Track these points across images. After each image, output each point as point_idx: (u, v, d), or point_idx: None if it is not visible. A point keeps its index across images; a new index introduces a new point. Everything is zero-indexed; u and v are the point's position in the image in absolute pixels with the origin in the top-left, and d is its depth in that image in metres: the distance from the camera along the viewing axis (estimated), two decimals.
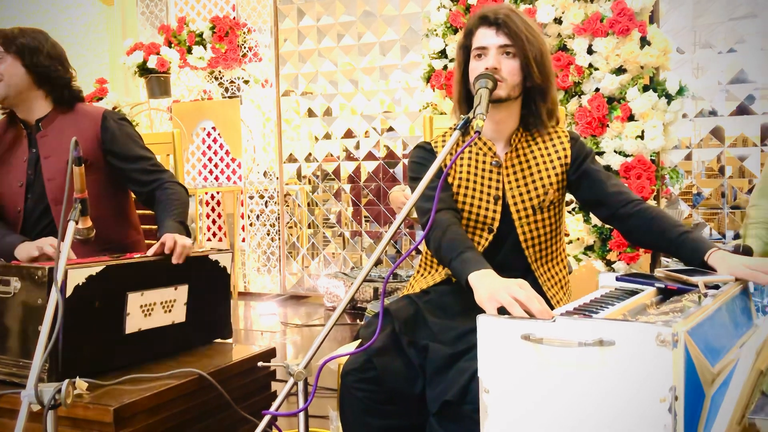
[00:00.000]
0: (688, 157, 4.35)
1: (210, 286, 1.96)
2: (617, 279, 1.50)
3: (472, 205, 1.75)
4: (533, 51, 1.67)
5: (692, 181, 4.34)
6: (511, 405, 1.08)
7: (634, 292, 1.39)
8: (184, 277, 1.86)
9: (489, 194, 1.75)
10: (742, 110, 4.10)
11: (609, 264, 3.53)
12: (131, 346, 1.74)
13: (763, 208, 2.02)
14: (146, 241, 2.32)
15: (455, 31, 3.87)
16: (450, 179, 1.78)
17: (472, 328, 1.48)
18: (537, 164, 1.76)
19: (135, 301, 1.73)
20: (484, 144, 1.78)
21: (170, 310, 1.84)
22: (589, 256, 3.61)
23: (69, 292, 1.57)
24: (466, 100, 1.78)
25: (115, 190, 2.19)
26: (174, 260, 1.81)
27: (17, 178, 2.11)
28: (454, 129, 1.49)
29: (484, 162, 1.77)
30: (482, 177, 1.76)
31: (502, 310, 1.27)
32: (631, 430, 0.99)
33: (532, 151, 1.78)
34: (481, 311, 1.15)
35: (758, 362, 1.06)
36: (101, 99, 5.03)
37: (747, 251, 1.62)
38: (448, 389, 1.46)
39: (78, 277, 1.60)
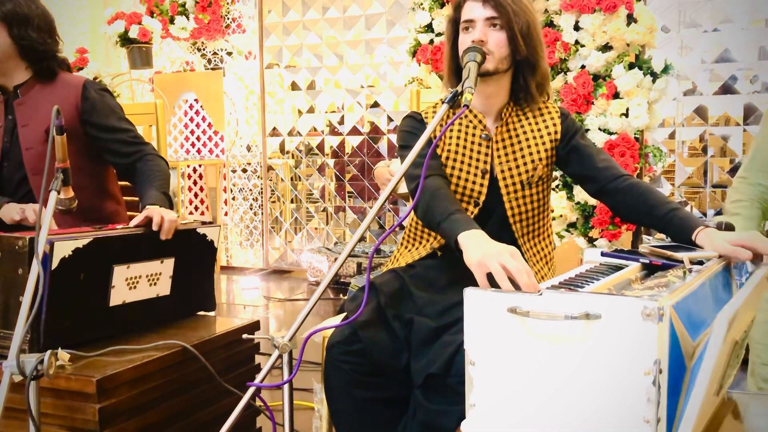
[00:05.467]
0: (672, 136, 4.37)
1: (197, 260, 1.94)
2: (602, 254, 1.50)
3: (459, 177, 1.75)
4: (519, 23, 1.66)
5: (675, 159, 4.37)
6: (496, 377, 1.09)
7: (619, 268, 1.39)
8: (172, 250, 1.84)
9: (477, 167, 1.75)
10: (725, 89, 4.13)
11: (591, 241, 3.55)
12: (115, 318, 1.72)
13: (752, 181, 1.97)
14: (128, 213, 2.29)
15: (442, 5, 3.84)
16: (439, 151, 1.77)
17: (456, 302, 1.49)
18: (527, 139, 1.76)
19: (120, 273, 1.71)
20: (475, 117, 1.77)
21: (155, 283, 1.82)
22: (572, 233, 3.63)
23: (55, 264, 1.55)
24: (456, 74, 1.77)
25: (93, 161, 2.15)
26: (162, 236, 1.77)
27: None
28: (443, 102, 1.48)
29: (473, 135, 1.76)
30: (471, 150, 1.76)
31: (490, 276, 1.27)
32: (616, 402, 1.00)
33: (522, 126, 1.77)
34: (466, 285, 1.15)
35: (732, 333, 1.07)
36: (82, 69, 4.94)
37: (729, 228, 1.62)
38: (433, 362, 1.47)
39: (64, 249, 1.57)
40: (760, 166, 1.97)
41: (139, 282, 1.76)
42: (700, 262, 1.38)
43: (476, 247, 1.37)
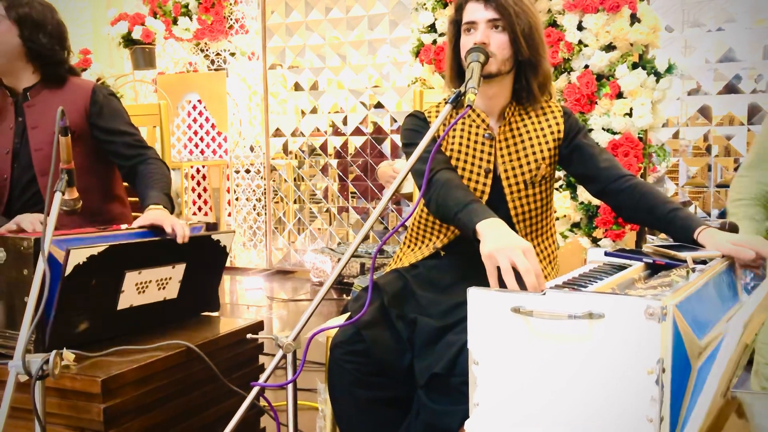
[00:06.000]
0: (675, 136, 4.37)
1: (208, 265, 1.94)
2: (606, 254, 1.50)
3: (462, 177, 1.75)
4: (521, 25, 1.66)
5: (679, 159, 4.37)
6: (500, 376, 1.09)
7: (622, 267, 1.39)
8: (185, 256, 1.83)
9: (480, 167, 1.75)
10: (729, 89, 4.12)
11: (595, 241, 3.55)
12: (121, 321, 1.73)
13: (752, 180, 1.96)
14: (133, 214, 2.30)
15: (445, 5, 3.84)
16: (442, 150, 1.77)
17: (460, 302, 1.49)
18: (530, 138, 1.76)
19: (131, 279, 1.71)
20: (478, 116, 1.77)
21: (164, 287, 1.82)
22: (576, 233, 3.63)
23: (69, 270, 1.54)
24: (458, 75, 1.77)
25: (100, 163, 2.17)
26: (179, 240, 1.76)
27: (4, 146, 2.09)
28: (446, 102, 1.48)
29: (477, 134, 1.76)
30: (474, 149, 1.76)
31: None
32: (619, 401, 1.00)
33: (525, 125, 1.77)
34: (470, 285, 1.15)
35: (745, 336, 1.07)
36: (85, 70, 4.96)
37: (733, 228, 1.62)
38: (437, 362, 1.47)
39: (79, 256, 1.56)
40: (758, 164, 1.96)
41: (148, 286, 1.76)
42: (704, 262, 1.38)
43: (493, 238, 1.36)
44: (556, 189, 3.59)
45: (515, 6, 1.65)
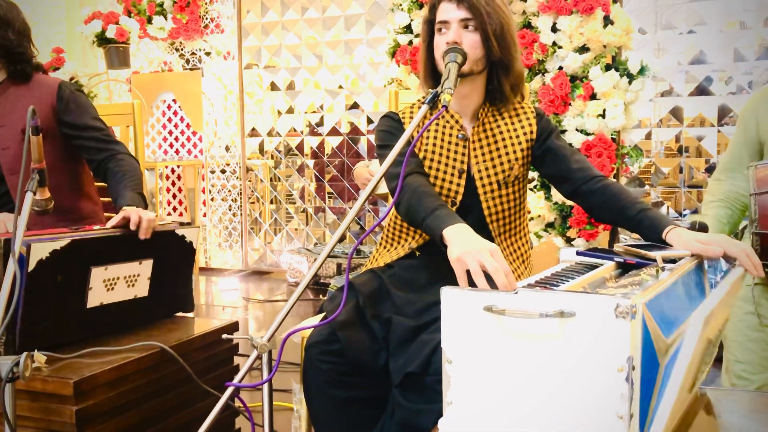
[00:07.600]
0: (648, 137, 4.42)
1: (175, 261, 1.93)
2: (578, 253, 1.52)
3: (436, 177, 1.76)
4: (493, 24, 1.67)
5: (651, 160, 4.42)
6: (473, 375, 1.10)
7: (593, 266, 1.41)
8: (150, 251, 1.83)
9: (454, 167, 1.76)
10: (700, 91, 4.18)
11: (569, 241, 3.59)
12: (92, 320, 1.71)
13: (725, 183, 2.03)
14: (105, 214, 2.28)
15: (420, 6, 3.86)
16: (416, 151, 1.78)
17: (435, 301, 1.50)
18: (503, 139, 1.78)
19: (98, 275, 1.70)
20: (452, 117, 1.78)
21: (133, 285, 1.81)
22: (550, 233, 3.66)
23: (32, 266, 1.53)
24: (432, 75, 1.78)
25: (70, 161, 2.15)
26: (141, 236, 1.77)
27: None
28: (422, 103, 1.49)
29: (450, 135, 1.77)
30: (448, 150, 1.77)
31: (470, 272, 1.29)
32: (590, 398, 1.02)
33: (498, 126, 1.79)
34: (444, 284, 1.16)
35: (707, 332, 1.09)
36: (58, 69, 4.90)
37: (702, 228, 1.65)
38: (411, 361, 1.48)
39: (42, 251, 1.55)
40: (732, 167, 2.03)
41: (117, 283, 1.75)
42: (674, 261, 1.40)
43: (459, 242, 1.38)
44: (531, 189, 3.63)
45: (487, 6, 1.67)
